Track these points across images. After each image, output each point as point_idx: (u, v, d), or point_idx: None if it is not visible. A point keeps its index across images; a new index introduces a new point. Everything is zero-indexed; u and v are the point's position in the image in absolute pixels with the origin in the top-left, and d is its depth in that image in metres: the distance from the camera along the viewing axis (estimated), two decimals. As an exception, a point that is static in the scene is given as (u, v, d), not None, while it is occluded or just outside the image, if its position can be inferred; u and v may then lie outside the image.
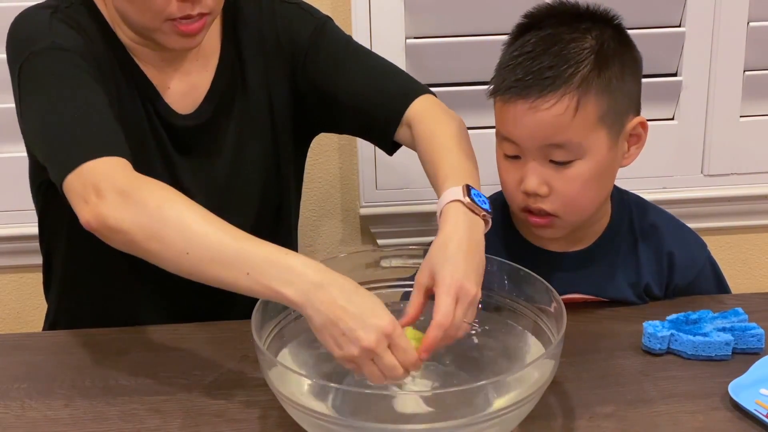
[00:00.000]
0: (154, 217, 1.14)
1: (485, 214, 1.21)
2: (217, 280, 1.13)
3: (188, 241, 1.13)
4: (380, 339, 1.05)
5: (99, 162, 1.19)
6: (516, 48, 1.29)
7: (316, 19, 1.48)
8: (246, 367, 1.28)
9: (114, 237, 1.17)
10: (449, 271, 1.13)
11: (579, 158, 1.28)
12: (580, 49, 1.26)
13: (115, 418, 1.19)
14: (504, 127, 1.30)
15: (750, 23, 1.85)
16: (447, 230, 1.17)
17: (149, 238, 1.14)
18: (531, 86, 1.25)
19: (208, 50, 1.43)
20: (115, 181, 1.17)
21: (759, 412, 1.13)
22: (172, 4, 1.27)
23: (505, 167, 1.33)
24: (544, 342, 1.17)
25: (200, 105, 1.42)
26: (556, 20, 1.30)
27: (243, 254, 1.11)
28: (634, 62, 1.32)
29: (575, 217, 1.34)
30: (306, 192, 1.96)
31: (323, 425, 1.05)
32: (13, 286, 2.04)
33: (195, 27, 1.30)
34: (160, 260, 1.16)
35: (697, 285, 1.45)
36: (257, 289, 1.10)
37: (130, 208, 1.15)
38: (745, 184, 1.98)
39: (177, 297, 1.45)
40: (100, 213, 1.15)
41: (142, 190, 1.17)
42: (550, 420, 1.16)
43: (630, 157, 1.35)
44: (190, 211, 1.15)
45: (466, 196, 1.20)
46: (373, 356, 1.06)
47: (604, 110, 1.27)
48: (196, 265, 1.13)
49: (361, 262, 1.29)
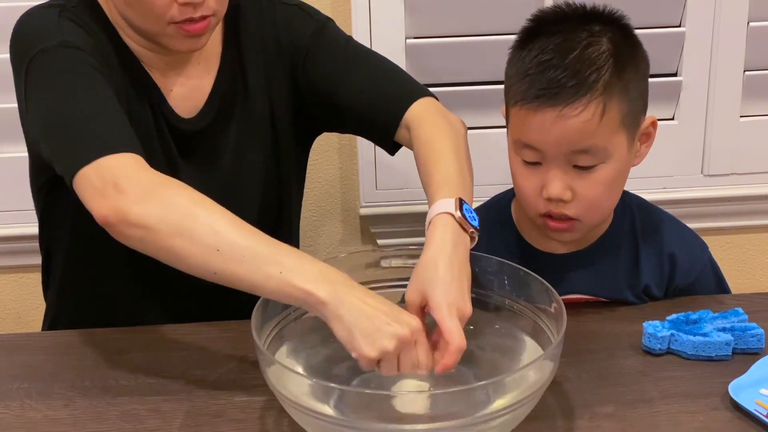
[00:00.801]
0: (184, 214, 1.15)
1: (473, 231, 1.21)
2: (245, 279, 1.13)
3: (220, 238, 1.13)
4: (414, 332, 1.09)
5: (116, 157, 1.19)
6: (533, 56, 1.27)
7: (317, 20, 1.47)
8: (246, 367, 1.28)
9: (131, 232, 1.16)
10: (444, 294, 1.13)
11: (603, 162, 1.28)
12: (598, 53, 1.26)
13: (115, 418, 1.19)
14: (527, 136, 1.28)
15: (750, 23, 1.85)
16: (434, 246, 1.17)
17: (176, 234, 1.14)
18: (558, 95, 1.24)
19: (210, 54, 1.43)
20: (136, 176, 1.17)
21: (759, 412, 1.13)
22: (174, 8, 1.27)
23: (524, 174, 1.32)
24: (544, 342, 1.17)
25: (202, 109, 1.42)
26: (565, 24, 1.29)
27: (276, 255, 1.12)
28: (644, 61, 1.33)
29: (596, 219, 1.34)
30: (306, 192, 1.96)
31: (323, 425, 1.05)
32: (12, 286, 2.04)
33: (199, 27, 1.30)
34: (184, 257, 1.15)
35: (698, 286, 1.45)
36: (287, 290, 1.11)
37: (157, 203, 1.15)
38: (745, 184, 1.98)
39: (177, 298, 1.45)
40: (120, 208, 1.15)
41: (168, 187, 1.18)
42: (550, 420, 1.15)
43: (641, 155, 1.36)
44: (221, 211, 1.16)
45: (457, 210, 1.20)
46: (404, 350, 1.08)
47: (625, 112, 1.27)
48: (227, 263, 1.13)
49: (361, 262, 1.29)
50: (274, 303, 1.14)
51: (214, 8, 1.30)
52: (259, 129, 1.47)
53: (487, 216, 1.47)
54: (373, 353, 1.07)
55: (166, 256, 1.16)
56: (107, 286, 1.47)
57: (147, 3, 1.27)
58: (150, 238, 1.15)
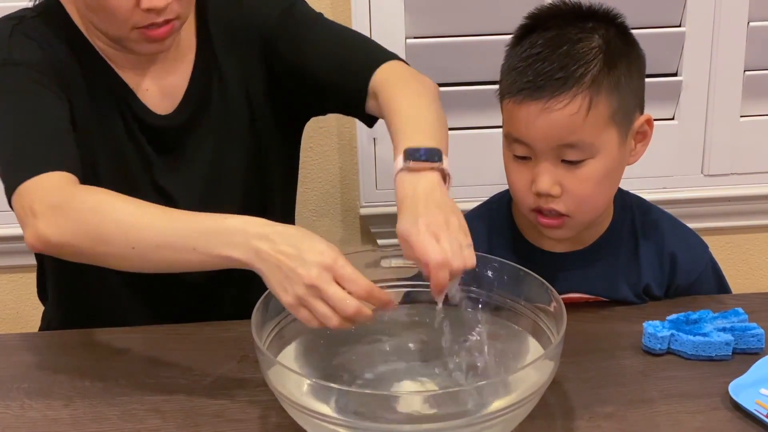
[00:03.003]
0: (91, 221, 1.15)
1: (433, 166, 1.15)
2: (169, 265, 1.14)
3: (129, 234, 1.14)
4: (321, 272, 1.05)
5: (35, 180, 1.19)
6: (523, 50, 1.29)
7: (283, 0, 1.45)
8: (246, 367, 1.28)
9: (62, 252, 1.18)
10: (408, 221, 1.09)
11: (591, 157, 1.28)
12: (588, 48, 1.27)
13: (115, 418, 1.19)
14: (515, 129, 1.29)
15: (750, 23, 1.85)
16: (398, 200, 1.13)
17: (93, 242, 1.15)
18: (543, 87, 1.25)
19: (184, 49, 1.42)
20: (47, 197, 1.18)
21: (759, 412, 1.13)
22: (137, 14, 1.27)
23: (515, 169, 1.33)
24: (544, 342, 1.17)
25: (179, 105, 1.41)
26: (560, 20, 1.30)
27: (184, 232, 1.13)
28: (639, 60, 1.33)
29: (587, 217, 1.34)
30: (306, 192, 1.96)
31: (323, 425, 1.05)
32: (12, 286, 2.04)
33: (162, 32, 1.30)
34: (111, 262, 1.17)
35: (699, 286, 1.45)
36: (209, 261, 1.11)
37: (66, 219, 1.16)
38: (745, 184, 1.98)
39: (160, 298, 1.46)
40: (38, 233, 1.16)
41: (75, 198, 1.18)
42: (550, 420, 1.16)
43: (636, 154, 1.36)
44: (125, 204, 1.16)
45: (407, 160, 1.15)
46: (319, 293, 1.05)
47: (615, 108, 1.27)
48: (145, 256, 1.14)
49: (361, 262, 1.29)
50: (274, 303, 1.14)
51: (178, 12, 1.30)
52: (237, 120, 1.45)
53: (487, 215, 1.48)
54: (292, 302, 1.07)
55: (101, 263, 1.18)
56: (94, 289, 1.47)
57: (109, 9, 1.27)
58: (77, 252, 1.17)
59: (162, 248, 1.13)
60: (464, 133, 1.89)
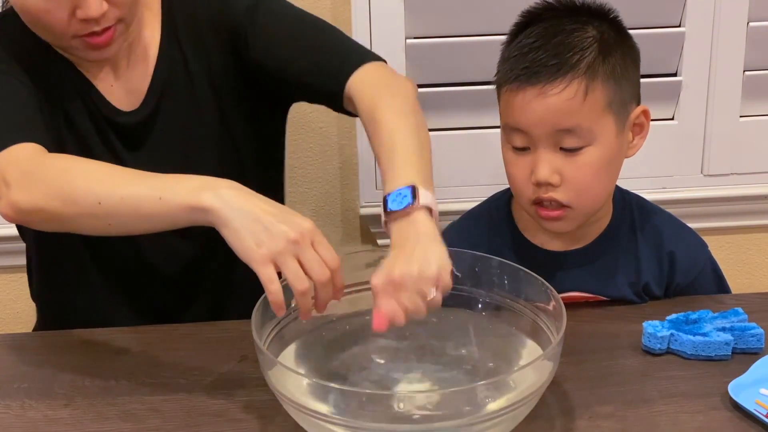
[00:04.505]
0: (61, 181, 1.16)
1: (408, 207, 1.13)
2: (136, 219, 1.13)
3: (97, 189, 1.14)
4: (304, 234, 1.06)
5: (7, 152, 1.20)
6: (519, 41, 1.31)
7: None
8: (246, 367, 1.28)
9: (34, 220, 1.18)
10: (378, 277, 1.09)
11: (589, 144, 1.28)
12: (582, 37, 1.29)
13: (115, 418, 1.19)
14: (512, 117, 1.30)
15: (750, 23, 1.85)
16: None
17: (64, 203, 1.15)
18: (539, 73, 1.26)
19: (147, 43, 1.40)
20: (18, 165, 1.18)
21: (759, 412, 1.13)
22: (74, 24, 1.26)
23: (514, 161, 1.33)
24: (544, 342, 1.17)
25: (144, 100, 1.40)
26: (555, 13, 1.32)
27: (151, 183, 1.13)
28: (634, 51, 1.35)
29: (586, 208, 1.34)
30: (306, 192, 1.96)
31: (323, 425, 1.05)
32: (12, 286, 2.04)
33: (103, 39, 1.29)
34: (81, 225, 1.17)
35: (698, 285, 1.45)
36: (175, 212, 1.10)
37: (37, 183, 1.16)
38: (745, 184, 1.97)
39: (139, 292, 1.46)
40: (11, 200, 1.16)
41: (45, 163, 1.19)
42: (550, 420, 1.16)
43: (634, 147, 1.36)
44: (95, 165, 1.18)
45: (385, 211, 1.15)
46: (297, 251, 1.05)
47: (611, 97, 1.28)
48: (113, 210, 1.13)
49: (361, 262, 1.29)
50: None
51: (118, 16, 1.29)
52: (205, 113, 1.43)
53: (487, 214, 1.48)
54: (264, 254, 1.05)
55: (71, 228, 1.18)
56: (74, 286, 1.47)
57: (44, 23, 1.27)
58: (48, 217, 1.16)
59: (127, 199, 1.12)
60: (464, 133, 1.89)
